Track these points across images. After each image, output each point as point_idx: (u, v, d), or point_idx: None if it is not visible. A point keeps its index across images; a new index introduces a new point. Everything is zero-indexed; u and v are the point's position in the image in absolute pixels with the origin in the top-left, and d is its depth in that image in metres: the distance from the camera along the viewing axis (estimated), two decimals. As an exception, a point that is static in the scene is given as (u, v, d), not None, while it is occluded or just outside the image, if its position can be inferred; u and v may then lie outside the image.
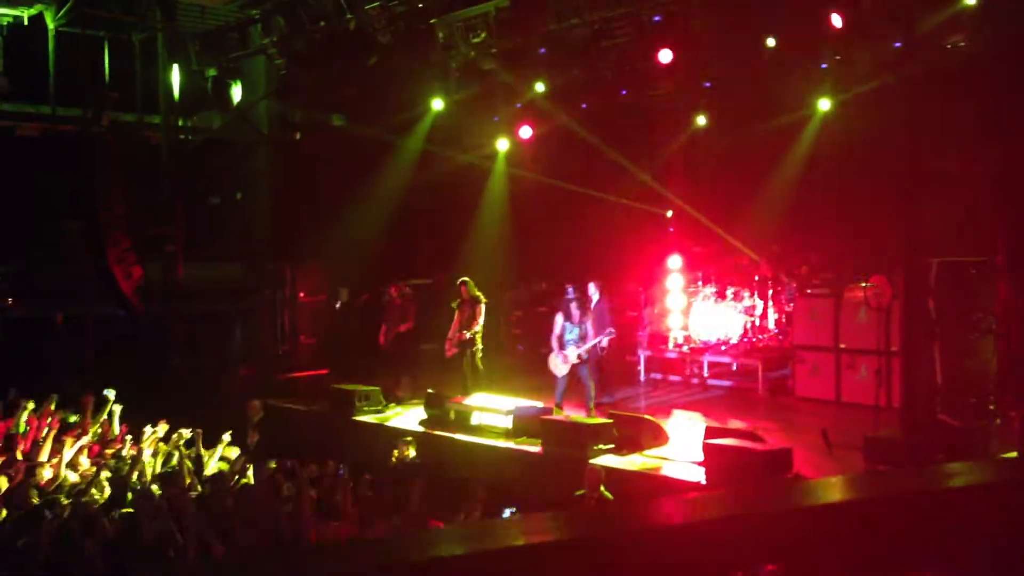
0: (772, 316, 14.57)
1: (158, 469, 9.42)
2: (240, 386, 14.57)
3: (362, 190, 17.14)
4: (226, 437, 10.32)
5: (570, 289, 11.98)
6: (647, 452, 10.09)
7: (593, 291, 12.51)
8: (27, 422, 10.31)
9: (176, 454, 9.61)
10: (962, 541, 2.60)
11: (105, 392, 11.01)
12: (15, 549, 6.88)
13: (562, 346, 11.62)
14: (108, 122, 15.32)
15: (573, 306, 11.67)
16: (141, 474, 9.08)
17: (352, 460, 9.83)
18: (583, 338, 11.52)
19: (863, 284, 12.55)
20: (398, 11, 12.80)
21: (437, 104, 15.51)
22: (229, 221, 17.55)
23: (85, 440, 10.06)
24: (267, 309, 15.85)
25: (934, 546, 2.57)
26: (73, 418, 10.83)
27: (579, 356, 11.50)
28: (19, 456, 9.58)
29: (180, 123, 16.57)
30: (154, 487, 8.55)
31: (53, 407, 10.61)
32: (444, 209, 18.87)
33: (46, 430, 9.99)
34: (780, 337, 14.29)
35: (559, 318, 11.75)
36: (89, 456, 9.90)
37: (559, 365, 11.69)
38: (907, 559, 2.51)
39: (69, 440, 9.76)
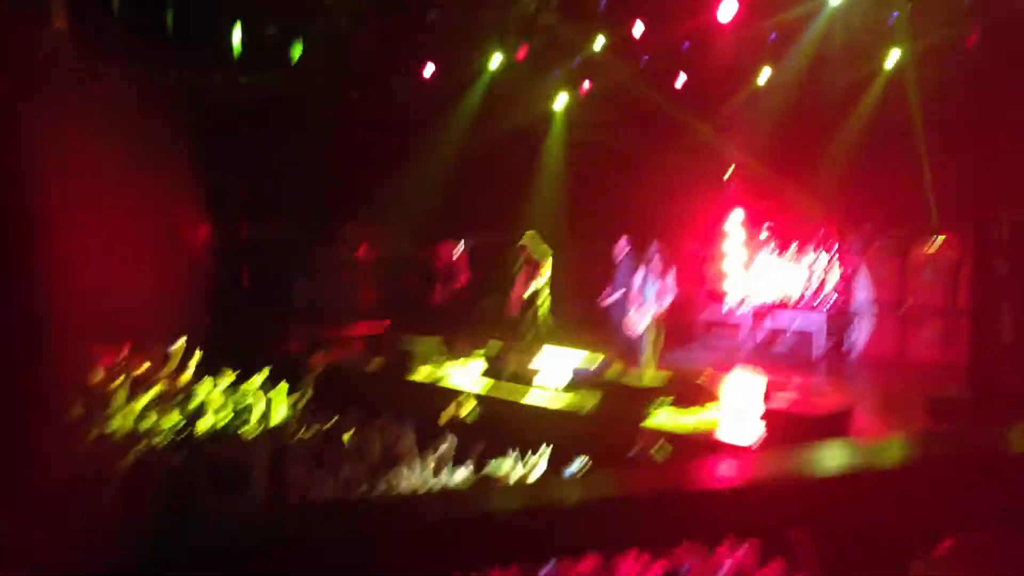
0: (836, 273, 14.32)
1: (229, 415, 9.65)
2: (302, 340, 14.81)
3: (422, 148, 17.19)
4: (284, 385, 10.51)
5: (653, 245, 11.82)
6: (703, 413, 10.05)
7: (654, 250, 12.37)
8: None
9: (246, 400, 9.84)
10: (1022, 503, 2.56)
11: (178, 341, 11.28)
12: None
13: (641, 302, 11.51)
14: (172, 79, 15.54)
15: (656, 260, 11.53)
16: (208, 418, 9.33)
17: (410, 417, 9.96)
18: (662, 293, 11.39)
19: (932, 240, 12.29)
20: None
21: (496, 60, 15.41)
22: (291, 179, 17.74)
23: (158, 388, 10.33)
24: (328, 265, 16.05)
25: (994, 508, 2.53)
26: (146, 364, 11.11)
27: (660, 311, 11.38)
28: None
29: (242, 81, 16.74)
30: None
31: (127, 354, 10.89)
32: (503, 166, 18.83)
33: (122, 377, 10.29)
34: (844, 295, 14.06)
35: (640, 274, 11.62)
36: (163, 400, 10.19)
37: (639, 321, 11.56)
38: (966, 521, 2.47)
39: (150, 391, 10.04)
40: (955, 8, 12.34)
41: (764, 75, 15.86)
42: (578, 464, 8.39)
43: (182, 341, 11.30)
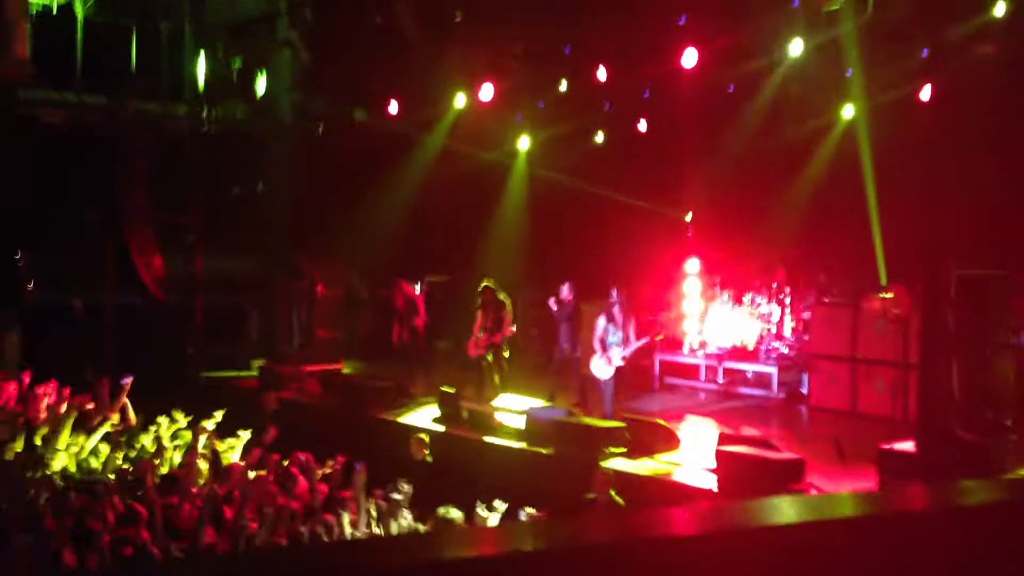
0: (789, 323, 14.50)
1: (176, 459, 9.49)
2: (257, 377, 14.65)
3: (383, 185, 17.18)
4: (243, 434, 10.36)
5: (613, 292, 11.90)
6: (659, 457, 10.07)
7: (614, 299, 12.41)
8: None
9: (195, 443, 9.68)
10: (974, 560, 2.59)
11: (124, 381, 11.10)
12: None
13: (605, 349, 11.54)
14: (133, 111, 15.45)
15: (616, 309, 11.59)
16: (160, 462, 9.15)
17: (364, 456, 9.85)
18: (625, 341, 11.43)
19: (882, 294, 12.49)
20: (425, 7, 12.82)
21: (460, 100, 15.52)
22: (249, 213, 17.63)
23: (105, 427, 10.14)
24: (284, 302, 15.91)
25: (946, 564, 2.56)
26: (90, 405, 10.92)
27: (623, 359, 11.44)
28: (38, 442, 9.69)
29: (204, 113, 16.67)
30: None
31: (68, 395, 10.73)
32: (463, 207, 18.88)
33: (63, 418, 10.09)
34: (796, 345, 14.22)
35: (601, 320, 11.65)
36: (107, 442, 9.99)
37: (602, 368, 11.60)
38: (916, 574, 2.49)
39: (97, 430, 9.87)
40: (907, 66, 12.68)
41: (723, 124, 16.13)
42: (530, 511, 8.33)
43: (129, 379, 11.11)
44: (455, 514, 8.02)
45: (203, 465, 9.30)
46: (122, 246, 14.90)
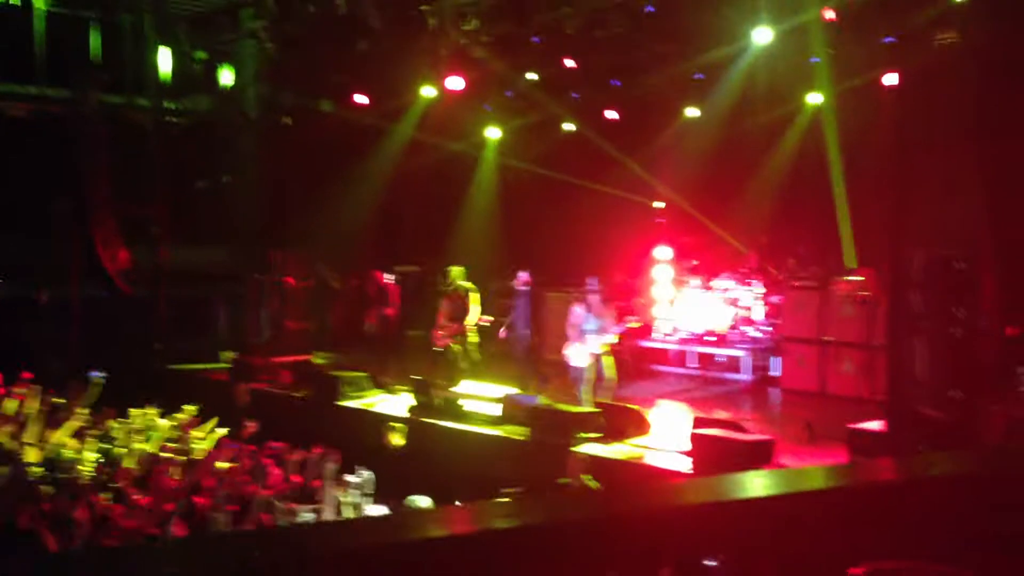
0: (759, 308, 14.62)
1: (147, 449, 9.40)
2: (227, 369, 14.56)
3: (351, 176, 17.11)
4: (215, 427, 10.28)
5: (593, 280, 11.87)
6: (632, 441, 10.13)
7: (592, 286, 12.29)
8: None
9: (167, 435, 9.61)
10: (939, 529, 2.63)
11: (93, 374, 11.00)
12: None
13: (580, 336, 11.49)
14: (96, 103, 15.27)
15: (596, 297, 11.54)
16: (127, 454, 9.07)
17: (337, 446, 9.82)
18: (603, 329, 11.37)
19: (849, 277, 12.63)
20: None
21: (427, 91, 15.47)
22: (216, 205, 17.49)
23: (75, 422, 10.03)
24: (253, 294, 15.80)
25: (912, 534, 2.60)
26: (59, 400, 10.81)
27: (603, 346, 11.34)
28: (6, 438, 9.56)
29: (168, 106, 16.51)
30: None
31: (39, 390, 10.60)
32: (433, 197, 18.86)
33: (32, 412, 9.97)
34: (766, 329, 14.35)
35: (577, 308, 11.61)
36: (77, 437, 9.88)
37: (577, 355, 11.54)
38: (884, 546, 2.53)
39: (66, 424, 9.76)
40: (874, 53, 12.79)
41: (690, 112, 16.21)
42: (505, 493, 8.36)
43: (102, 372, 11.02)
44: (424, 502, 8.03)
45: (177, 457, 9.22)
46: (88, 239, 14.73)
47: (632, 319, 11.91)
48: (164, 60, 15.72)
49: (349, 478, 8.36)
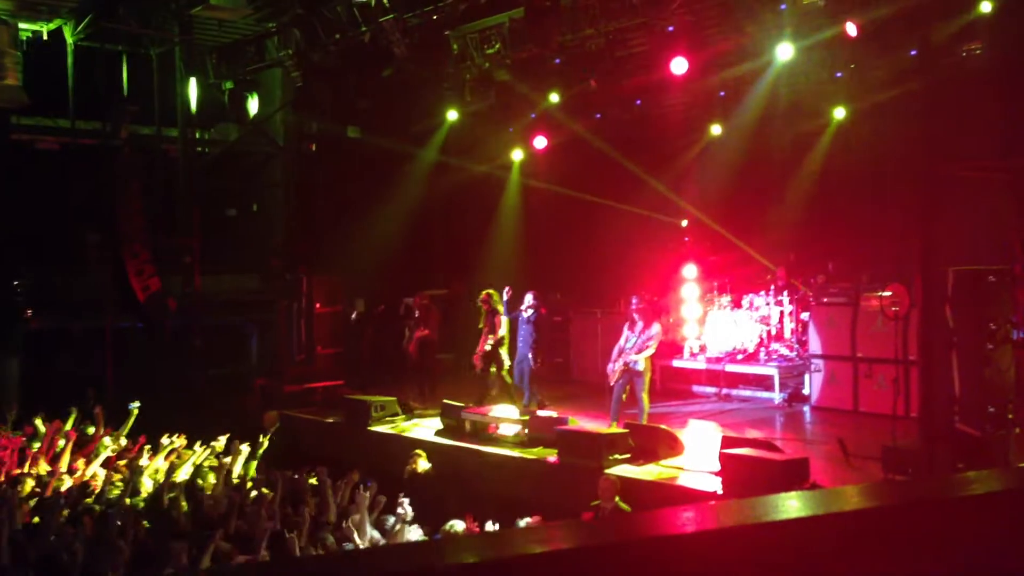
0: (788, 325, 14.51)
1: (178, 479, 9.47)
2: (256, 397, 14.64)
3: (378, 201, 17.22)
4: (244, 448, 10.35)
5: (635, 299, 11.77)
6: (663, 462, 10.05)
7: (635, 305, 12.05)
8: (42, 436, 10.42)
9: (204, 463, 9.70)
10: (979, 549, 2.59)
11: (131, 405, 11.16)
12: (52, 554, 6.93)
13: (620, 355, 11.44)
14: (126, 135, 15.48)
15: (636, 315, 11.43)
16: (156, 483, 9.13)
17: (367, 471, 9.83)
18: (638, 348, 11.25)
19: (880, 293, 12.50)
20: (413, 23, 12.86)
21: (452, 115, 15.57)
22: (246, 232, 17.66)
23: (107, 452, 10.14)
24: (283, 320, 15.91)
25: (951, 554, 2.56)
26: (90, 430, 10.92)
27: (625, 364, 11.21)
28: (43, 469, 9.66)
29: (197, 135, 16.73)
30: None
31: (72, 421, 10.73)
32: (459, 219, 18.93)
33: (63, 442, 10.07)
34: (796, 346, 14.23)
35: (625, 328, 11.51)
36: (107, 467, 9.97)
37: (613, 373, 11.42)
38: (922, 567, 2.49)
39: (98, 454, 9.87)
40: (898, 67, 12.72)
41: (715, 130, 16.18)
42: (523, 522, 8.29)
43: (135, 403, 11.16)
44: (460, 527, 8.01)
45: (211, 481, 9.28)
46: (120, 269, 14.90)
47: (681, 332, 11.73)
48: (192, 91, 15.94)
49: (399, 509, 8.36)
